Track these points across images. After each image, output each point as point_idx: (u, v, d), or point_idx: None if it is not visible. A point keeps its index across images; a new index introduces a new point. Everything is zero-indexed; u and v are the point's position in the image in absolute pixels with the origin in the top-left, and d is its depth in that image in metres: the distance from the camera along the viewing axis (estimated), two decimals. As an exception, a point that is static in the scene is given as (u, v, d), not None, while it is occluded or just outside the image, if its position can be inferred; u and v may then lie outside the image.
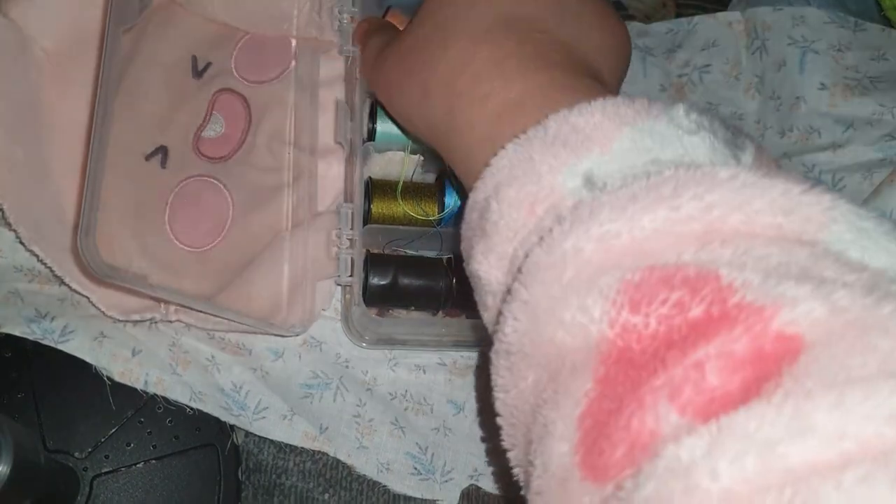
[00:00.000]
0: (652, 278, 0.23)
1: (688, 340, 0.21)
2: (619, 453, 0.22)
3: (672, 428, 0.21)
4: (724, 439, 0.19)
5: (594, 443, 0.23)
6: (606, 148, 0.26)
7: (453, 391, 0.46)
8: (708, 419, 0.20)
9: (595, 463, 0.22)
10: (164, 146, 0.46)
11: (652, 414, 0.21)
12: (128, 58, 0.45)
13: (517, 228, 0.28)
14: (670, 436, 0.21)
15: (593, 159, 0.26)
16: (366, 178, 0.45)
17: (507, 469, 0.29)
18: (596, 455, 0.22)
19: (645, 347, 0.23)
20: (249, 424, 0.42)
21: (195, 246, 0.45)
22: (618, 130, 0.26)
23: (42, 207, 0.43)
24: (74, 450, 0.40)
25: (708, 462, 0.19)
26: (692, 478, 0.19)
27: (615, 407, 0.22)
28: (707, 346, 0.21)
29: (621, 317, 0.23)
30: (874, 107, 0.52)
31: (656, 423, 0.21)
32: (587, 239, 0.24)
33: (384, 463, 0.43)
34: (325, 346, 0.45)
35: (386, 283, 0.43)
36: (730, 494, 0.18)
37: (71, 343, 0.41)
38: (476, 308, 0.32)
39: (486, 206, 0.29)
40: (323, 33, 0.49)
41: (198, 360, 0.43)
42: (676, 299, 0.22)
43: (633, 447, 0.21)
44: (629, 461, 0.21)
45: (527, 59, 0.31)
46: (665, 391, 0.21)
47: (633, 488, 0.20)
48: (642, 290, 0.23)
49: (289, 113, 0.48)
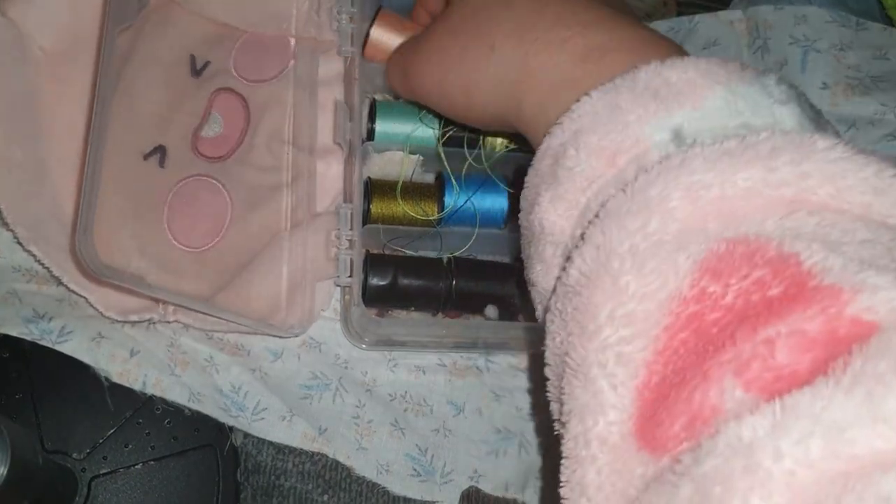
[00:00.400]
0: (736, 252, 0.22)
1: (760, 317, 0.21)
2: (678, 426, 0.21)
3: (735, 403, 0.20)
4: (789, 419, 0.19)
5: (653, 414, 0.22)
6: (699, 105, 0.26)
7: (453, 392, 0.46)
8: (773, 397, 0.19)
9: (653, 434, 0.22)
10: (163, 146, 0.45)
11: (716, 388, 0.21)
12: (126, 57, 0.45)
13: (594, 178, 0.27)
14: (732, 412, 0.20)
15: (684, 115, 0.26)
16: (365, 178, 0.45)
17: (507, 469, 0.28)
18: (654, 426, 0.22)
19: (717, 319, 0.22)
20: (248, 425, 0.42)
21: (194, 246, 0.45)
22: (710, 89, 0.26)
23: (40, 207, 0.42)
24: (72, 450, 0.40)
25: (771, 441, 0.19)
26: (754, 457, 0.19)
27: (678, 380, 0.22)
28: (779, 324, 0.21)
29: (703, 281, 0.23)
30: (876, 106, 0.52)
31: (719, 397, 0.21)
32: (675, 186, 0.24)
33: (384, 464, 0.43)
34: (325, 347, 0.45)
35: (385, 284, 0.43)
36: (793, 478, 0.18)
37: (69, 343, 0.40)
38: (475, 309, 0.32)
39: (562, 152, 0.28)
40: (322, 33, 0.49)
41: (196, 360, 0.43)
42: (758, 277, 0.22)
43: (694, 421, 0.21)
44: (688, 435, 0.21)
45: (600, 11, 0.31)
46: (732, 366, 0.21)
47: (692, 463, 0.20)
48: (725, 262, 0.22)
49: (288, 112, 0.48)
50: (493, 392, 0.46)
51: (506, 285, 0.44)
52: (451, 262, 0.44)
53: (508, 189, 0.46)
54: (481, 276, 0.45)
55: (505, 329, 0.46)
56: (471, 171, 0.46)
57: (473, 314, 0.46)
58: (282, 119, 0.48)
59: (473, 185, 0.45)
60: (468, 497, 0.44)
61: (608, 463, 0.23)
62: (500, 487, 0.44)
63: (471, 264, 0.45)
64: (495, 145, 0.47)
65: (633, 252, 0.24)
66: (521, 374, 0.47)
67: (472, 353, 0.47)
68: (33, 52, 0.44)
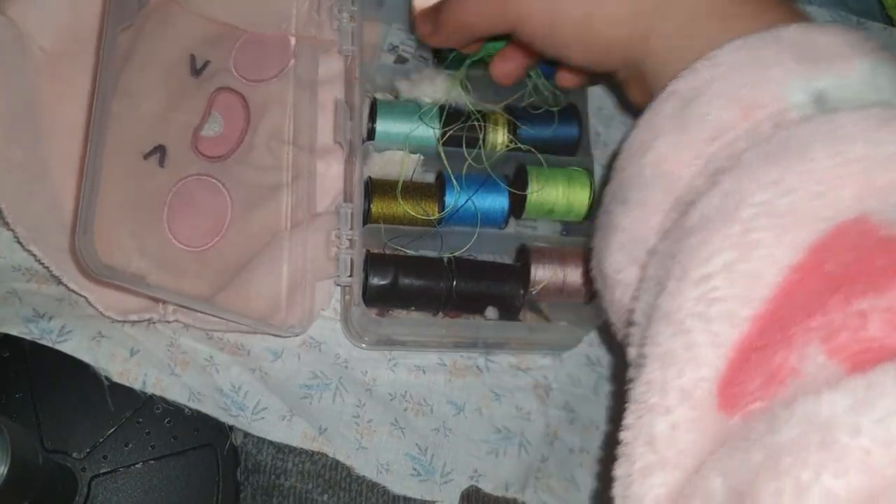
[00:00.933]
0: (856, 227, 0.22)
1: (856, 289, 0.21)
2: (752, 386, 0.21)
3: (816, 368, 0.20)
4: (873, 395, 0.18)
5: (734, 375, 0.22)
6: (845, 74, 0.26)
7: (453, 392, 0.46)
8: (856, 369, 0.19)
9: (731, 393, 0.22)
10: (163, 145, 0.45)
11: (798, 353, 0.21)
12: (126, 57, 0.45)
13: (725, 129, 0.26)
14: (811, 376, 0.20)
15: (829, 80, 0.25)
16: (365, 178, 0.45)
17: (507, 469, 0.28)
18: (733, 386, 0.22)
19: (813, 287, 0.22)
20: (248, 425, 0.42)
21: (194, 245, 0.45)
22: (858, 60, 0.26)
23: (40, 207, 0.42)
24: (73, 450, 0.40)
25: (851, 417, 0.18)
26: (832, 432, 0.18)
27: (762, 343, 0.22)
28: (876, 298, 0.21)
29: (822, 251, 0.22)
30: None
31: (800, 361, 0.21)
32: (821, 146, 0.23)
33: (384, 464, 0.43)
34: (325, 347, 0.45)
35: (386, 284, 0.43)
36: (868, 457, 0.18)
37: (69, 343, 0.40)
38: (475, 309, 0.31)
39: (693, 97, 0.27)
40: (322, 32, 0.49)
41: (196, 360, 0.43)
42: (867, 252, 0.22)
43: (770, 382, 0.21)
44: (762, 394, 0.21)
45: None
46: (819, 333, 0.21)
47: (767, 432, 0.20)
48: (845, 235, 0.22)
49: (288, 112, 0.48)
50: (493, 392, 0.46)
51: (506, 285, 0.44)
52: (451, 261, 0.44)
53: (509, 189, 0.46)
54: (481, 276, 0.45)
55: (505, 329, 0.46)
56: (471, 171, 0.46)
57: (473, 314, 0.46)
58: (282, 118, 0.48)
59: (474, 185, 0.45)
60: (468, 497, 0.44)
61: (688, 419, 0.23)
62: (500, 487, 0.44)
63: (471, 264, 0.45)
64: (495, 145, 0.47)
65: (767, 206, 0.23)
66: (521, 374, 0.47)
67: (472, 353, 0.47)
68: (33, 52, 0.44)
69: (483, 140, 0.47)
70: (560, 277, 0.44)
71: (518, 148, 0.47)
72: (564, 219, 0.48)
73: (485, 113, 0.47)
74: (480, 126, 0.46)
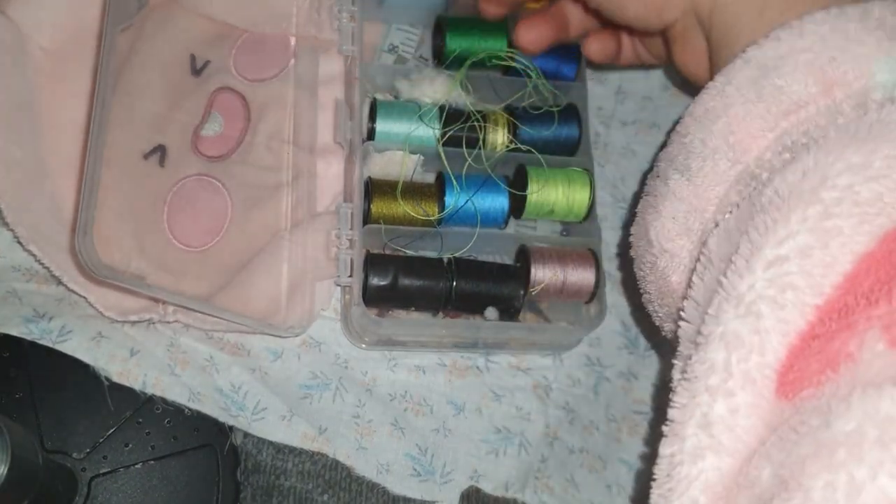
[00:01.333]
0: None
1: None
2: (810, 372, 0.21)
3: (872, 356, 0.20)
4: None
5: (794, 362, 0.22)
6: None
7: (453, 392, 0.46)
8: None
9: (788, 380, 0.22)
10: (163, 145, 0.45)
11: (857, 339, 0.20)
12: (125, 56, 0.45)
13: (803, 103, 0.26)
14: (866, 363, 0.20)
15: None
16: (365, 178, 0.45)
17: (507, 469, 0.28)
18: (790, 372, 0.22)
19: (883, 275, 0.21)
20: (248, 425, 0.42)
21: (194, 245, 0.45)
22: None
23: (40, 207, 0.42)
24: (73, 450, 0.40)
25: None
26: (890, 430, 0.18)
27: (822, 331, 0.22)
28: None
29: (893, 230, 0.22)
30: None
31: (858, 348, 0.20)
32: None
33: (384, 464, 0.43)
34: (325, 347, 0.45)
35: (386, 284, 0.43)
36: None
37: (69, 343, 0.40)
38: (475, 309, 0.31)
39: (773, 67, 0.26)
40: (322, 32, 0.49)
41: (196, 360, 0.43)
42: None
43: (824, 367, 0.21)
44: (818, 379, 0.21)
45: None
46: (882, 321, 0.20)
47: (820, 423, 0.19)
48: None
49: (288, 112, 0.48)
50: (493, 392, 0.46)
51: (506, 286, 0.44)
52: (451, 262, 0.44)
53: (508, 189, 0.46)
54: (481, 276, 0.45)
55: (505, 329, 0.46)
56: (471, 172, 0.46)
57: (473, 314, 0.46)
58: (282, 118, 0.48)
59: (473, 185, 0.45)
60: (468, 497, 0.44)
61: (748, 404, 0.22)
62: (500, 487, 0.44)
63: (471, 265, 0.45)
64: (495, 145, 0.47)
65: (850, 190, 0.22)
66: (521, 374, 0.47)
67: (472, 353, 0.47)
68: (33, 52, 0.44)
69: (483, 140, 0.47)
70: (560, 278, 0.44)
71: (518, 148, 0.47)
72: (564, 219, 0.48)
73: (485, 113, 0.47)
74: (480, 126, 0.46)
